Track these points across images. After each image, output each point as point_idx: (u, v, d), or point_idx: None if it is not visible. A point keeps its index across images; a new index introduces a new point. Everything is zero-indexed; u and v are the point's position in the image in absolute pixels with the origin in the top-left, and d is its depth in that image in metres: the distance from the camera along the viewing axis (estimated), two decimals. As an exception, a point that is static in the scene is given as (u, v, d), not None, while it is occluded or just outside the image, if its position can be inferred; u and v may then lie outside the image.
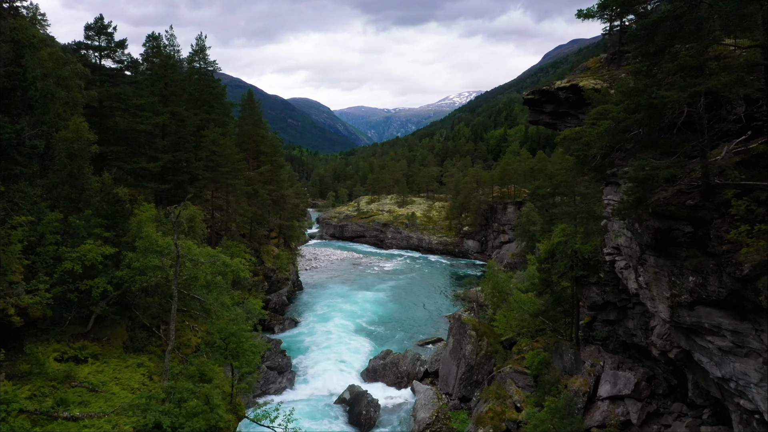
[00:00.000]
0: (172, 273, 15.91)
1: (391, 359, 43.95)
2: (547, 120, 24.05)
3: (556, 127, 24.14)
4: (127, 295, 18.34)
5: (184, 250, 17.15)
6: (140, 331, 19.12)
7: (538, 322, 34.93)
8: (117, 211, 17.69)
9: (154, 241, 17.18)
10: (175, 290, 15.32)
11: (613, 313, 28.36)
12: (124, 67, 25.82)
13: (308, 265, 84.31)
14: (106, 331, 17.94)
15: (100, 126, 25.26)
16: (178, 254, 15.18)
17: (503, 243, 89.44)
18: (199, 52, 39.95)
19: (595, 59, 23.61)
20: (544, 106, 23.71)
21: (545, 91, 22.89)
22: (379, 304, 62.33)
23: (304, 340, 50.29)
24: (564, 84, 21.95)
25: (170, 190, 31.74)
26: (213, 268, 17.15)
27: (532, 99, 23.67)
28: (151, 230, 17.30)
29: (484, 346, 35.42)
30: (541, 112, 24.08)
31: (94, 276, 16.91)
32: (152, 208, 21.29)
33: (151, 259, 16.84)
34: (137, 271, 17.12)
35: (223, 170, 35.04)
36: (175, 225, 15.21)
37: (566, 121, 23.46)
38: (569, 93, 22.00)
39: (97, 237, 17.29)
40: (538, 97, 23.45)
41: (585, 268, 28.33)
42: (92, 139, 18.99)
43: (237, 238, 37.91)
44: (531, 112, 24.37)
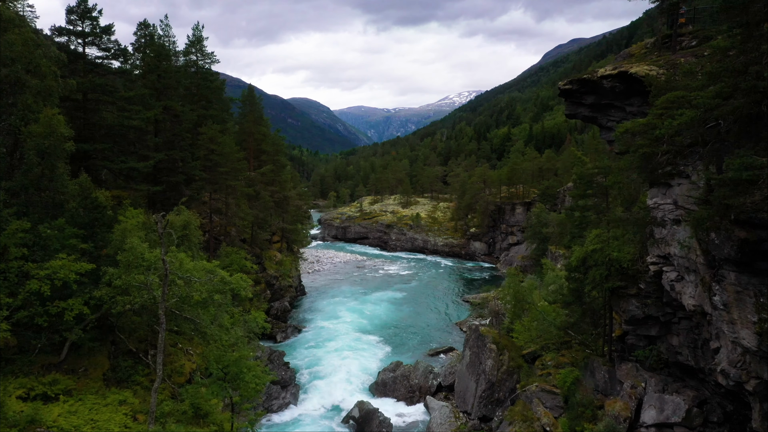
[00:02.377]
0: (160, 293, 13.20)
1: (401, 372, 41.16)
2: (586, 113, 21.31)
3: (596, 121, 21.39)
4: (109, 316, 15.59)
5: (175, 265, 14.43)
6: (124, 359, 16.37)
7: (562, 333, 32.20)
8: (96, 219, 14.98)
9: (140, 255, 14.46)
10: (162, 316, 12.60)
11: (654, 328, 25.59)
12: (111, 55, 23.16)
13: (311, 268, 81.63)
14: (82, 360, 15.19)
15: (84, 121, 22.58)
16: (166, 272, 12.48)
17: (511, 245, 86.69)
18: (196, 44, 37.10)
19: (640, 45, 20.92)
20: (583, 98, 20.98)
21: (586, 80, 20.16)
22: (386, 309, 59.62)
23: (308, 349, 47.52)
24: (609, 72, 19.22)
25: (164, 192, 29.03)
26: (209, 286, 14.44)
27: (569, 90, 20.93)
28: (137, 241, 14.58)
29: (506, 360, 32.66)
30: (579, 104, 21.34)
31: (68, 296, 14.16)
32: (140, 214, 18.60)
33: (135, 276, 14.10)
34: (119, 290, 14.39)
35: (222, 170, 32.30)
36: (162, 237, 12.50)
37: (609, 114, 20.72)
38: (615, 82, 19.27)
39: (71, 250, 14.55)
40: (577, 88, 20.71)
41: (623, 278, 25.59)
42: (67, 134, 16.28)
43: (237, 243, 35.15)
44: (567, 105, 21.63)
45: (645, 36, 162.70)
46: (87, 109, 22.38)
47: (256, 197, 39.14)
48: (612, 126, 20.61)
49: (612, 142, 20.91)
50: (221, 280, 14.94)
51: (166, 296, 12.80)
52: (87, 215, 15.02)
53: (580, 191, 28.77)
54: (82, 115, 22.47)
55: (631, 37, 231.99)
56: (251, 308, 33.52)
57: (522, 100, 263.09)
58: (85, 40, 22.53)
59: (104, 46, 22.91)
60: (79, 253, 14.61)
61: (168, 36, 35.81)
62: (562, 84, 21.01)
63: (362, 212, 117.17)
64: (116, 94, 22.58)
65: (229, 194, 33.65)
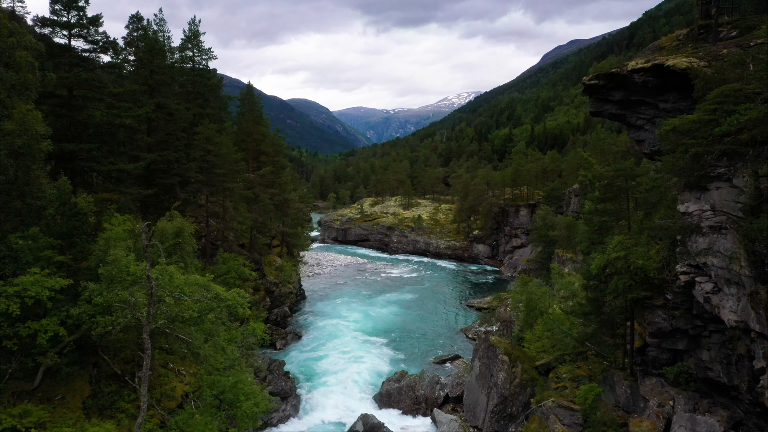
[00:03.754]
0: (146, 313, 11.51)
1: (406, 382, 39.41)
2: (613, 111, 19.65)
3: (624, 119, 19.73)
4: (90, 336, 13.86)
5: (164, 280, 12.73)
6: (108, 383, 14.64)
7: (577, 344, 30.54)
8: (75, 227, 13.27)
9: (124, 268, 12.77)
10: (147, 341, 10.90)
11: (682, 342, 23.92)
12: (99, 48, 21.47)
13: (311, 271, 79.93)
14: (59, 386, 13.46)
15: (69, 119, 20.89)
16: (151, 291, 10.79)
17: (516, 248, 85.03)
18: (192, 39, 35.35)
19: (670, 36, 19.29)
20: (610, 94, 19.32)
21: (614, 74, 18.50)
22: (388, 314, 57.97)
23: (309, 356, 45.79)
24: (641, 65, 17.56)
25: (158, 196, 27.34)
26: (202, 304, 12.74)
27: (595, 85, 19.27)
28: (121, 252, 12.89)
29: (518, 373, 30.94)
30: (606, 101, 19.67)
31: (41, 315, 12.45)
32: (128, 220, 16.91)
33: (118, 293, 12.40)
34: (100, 308, 12.69)
35: (219, 172, 30.57)
36: (147, 250, 10.81)
37: (639, 111, 19.06)
38: (648, 76, 17.61)
39: (46, 262, 12.85)
40: (604, 83, 19.05)
41: (648, 288, 23.92)
42: (44, 132, 14.59)
43: (235, 249, 33.39)
44: (592, 102, 19.96)
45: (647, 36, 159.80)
46: (73, 106, 20.66)
47: (255, 200, 37.38)
48: (642, 124, 18.98)
49: (641, 142, 19.29)
50: (216, 297, 13.25)
51: (152, 317, 11.10)
52: (65, 223, 13.33)
53: (599, 194, 27.19)
54: (68, 112, 20.77)
55: (632, 37, 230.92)
56: (250, 318, 31.82)
57: (522, 101, 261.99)
58: (71, 31, 20.83)
59: (91, 38, 21.18)
60: (56, 267, 12.91)
61: (163, 31, 34.13)
62: (587, 79, 19.36)
63: (363, 214, 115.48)
64: (104, 90, 20.90)
65: (226, 197, 31.90)
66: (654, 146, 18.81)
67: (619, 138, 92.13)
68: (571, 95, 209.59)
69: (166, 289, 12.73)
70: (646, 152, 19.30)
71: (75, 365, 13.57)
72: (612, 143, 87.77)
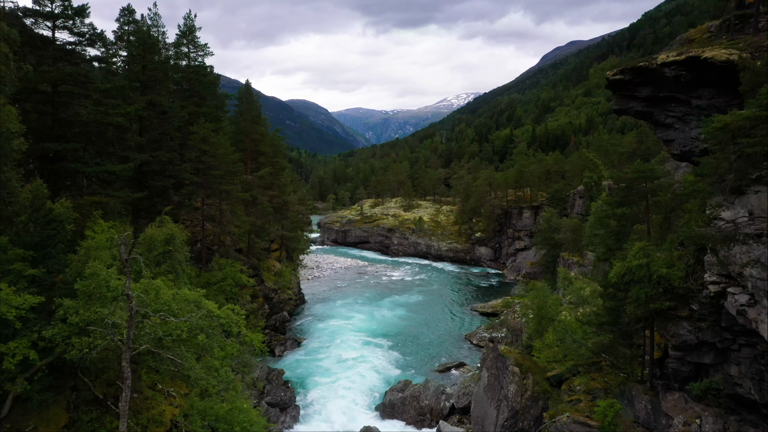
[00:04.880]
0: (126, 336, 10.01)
1: (410, 392, 37.91)
2: (639, 108, 18.21)
3: (652, 117, 18.28)
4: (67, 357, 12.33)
5: (149, 296, 11.24)
6: (88, 409, 13.11)
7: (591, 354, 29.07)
8: (50, 236, 11.78)
9: (104, 282, 11.29)
10: (127, 369, 9.40)
11: (708, 356, 22.43)
12: (86, 41, 19.96)
13: (310, 274, 78.51)
14: (30, 416, 11.94)
15: (53, 117, 19.40)
16: (131, 312, 9.31)
17: (519, 250, 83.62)
18: (188, 34, 33.83)
19: (700, 28, 17.89)
20: (637, 90, 17.87)
21: (642, 68, 17.05)
22: (390, 319, 56.59)
23: (309, 364, 44.27)
24: (674, 58, 16.12)
25: (150, 198, 25.82)
26: (192, 323, 11.24)
27: (619, 81, 17.83)
28: (100, 265, 11.39)
29: (530, 385, 29.45)
30: (631, 97, 18.23)
31: (9, 337, 10.95)
32: (112, 228, 15.41)
33: (97, 311, 10.91)
34: (76, 328, 11.19)
35: (216, 173, 29.06)
36: (126, 265, 9.32)
37: (668, 108, 17.62)
38: (681, 69, 16.17)
39: (16, 277, 11.34)
40: (629, 78, 17.60)
41: (672, 297, 22.44)
42: (16, 130, 13.07)
43: (232, 254, 31.86)
44: (617, 99, 18.52)
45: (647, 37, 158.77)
46: (57, 103, 19.18)
47: (254, 203, 35.84)
48: (671, 123, 17.56)
49: (670, 142, 17.87)
50: (207, 314, 11.76)
51: (132, 341, 9.62)
52: (38, 232, 11.85)
53: (618, 198, 25.69)
54: (52, 110, 19.29)
55: (633, 38, 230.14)
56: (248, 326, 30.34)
57: (522, 101, 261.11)
58: (55, 23, 19.33)
59: (77, 30, 19.67)
60: (27, 281, 11.41)
61: (157, 26, 32.61)
62: (610, 74, 17.93)
63: (363, 215, 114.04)
64: (91, 85, 19.42)
65: (223, 200, 30.38)
66: (685, 146, 17.40)
67: (624, 139, 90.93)
68: (571, 96, 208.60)
69: (151, 307, 11.25)
70: (675, 153, 17.87)
71: (49, 391, 12.06)
72: (617, 144, 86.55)
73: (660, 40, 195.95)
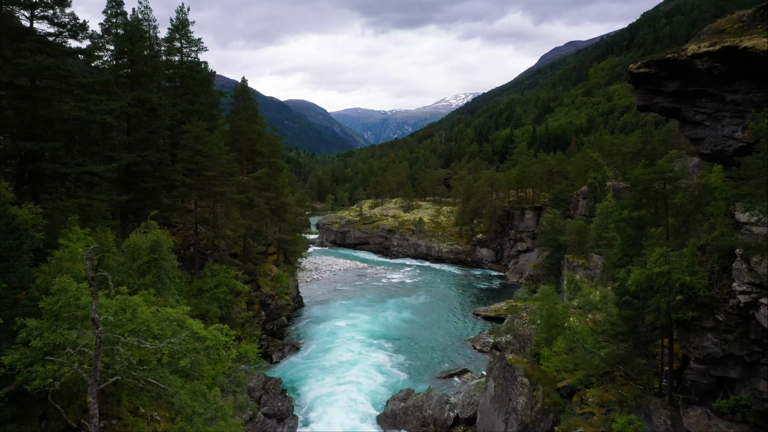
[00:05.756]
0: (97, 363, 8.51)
1: (413, 401, 36.45)
2: (665, 104, 16.80)
3: (679, 113, 16.87)
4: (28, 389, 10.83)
5: (125, 315, 9.77)
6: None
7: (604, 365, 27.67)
8: (12, 247, 10.31)
9: (73, 299, 9.82)
10: (93, 405, 7.91)
11: (735, 370, 21.00)
12: (67, 32, 18.45)
13: (309, 276, 77.06)
14: (-10, 452, 10.45)
15: (32, 114, 17.90)
16: (99, 339, 7.84)
17: (521, 252, 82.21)
18: (180, 29, 32.29)
19: (730, 18, 16.48)
20: (663, 84, 16.46)
21: (669, 61, 15.64)
22: (390, 323, 55.19)
23: (307, 371, 42.79)
24: (706, 48, 14.72)
25: (140, 201, 24.36)
26: (173, 346, 9.77)
27: (644, 74, 16.41)
28: (68, 280, 9.91)
29: (540, 397, 28.00)
30: (657, 92, 16.82)
31: (-38, 364, 9.46)
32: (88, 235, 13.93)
33: (64, 333, 9.44)
34: (40, 353, 9.71)
35: (209, 174, 27.57)
36: (92, 283, 7.85)
37: (698, 104, 16.21)
38: (715, 61, 14.77)
39: (-28, 293, 9.86)
40: (656, 71, 16.18)
41: (696, 307, 21.04)
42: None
43: (227, 259, 30.34)
44: (640, 94, 17.12)
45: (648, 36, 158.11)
46: (35, 98, 17.69)
47: (250, 205, 34.33)
48: (701, 120, 16.17)
49: (699, 141, 16.49)
50: (191, 334, 10.30)
51: (99, 372, 8.14)
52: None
53: (634, 200, 24.25)
54: (30, 106, 17.81)
55: (633, 38, 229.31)
56: (243, 335, 28.80)
57: (522, 101, 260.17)
58: (34, 12, 17.84)
59: (58, 20, 18.18)
60: (-16, 299, 9.95)
61: (148, 20, 31.10)
62: (634, 67, 16.53)
63: (362, 216, 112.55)
64: (72, 80, 17.92)
65: (217, 202, 28.89)
66: (716, 145, 16.02)
67: (629, 139, 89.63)
68: (571, 96, 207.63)
69: (127, 328, 9.80)
70: (704, 152, 16.49)
71: (13, 422, 10.57)
72: (621, 144, 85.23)
73: (660, 40, 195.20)
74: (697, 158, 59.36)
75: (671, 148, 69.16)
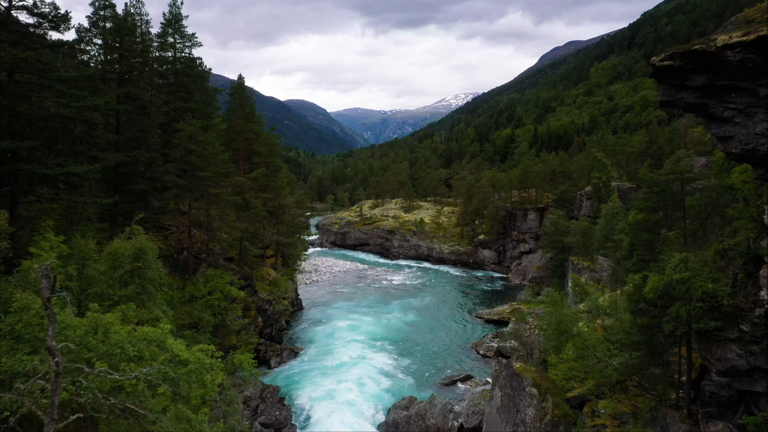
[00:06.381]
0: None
1: (416, 410, 35.23)
2: (690, 100, 15.53)
3: (706, 109, 15.61)
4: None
5: (97, 337, 8.51)
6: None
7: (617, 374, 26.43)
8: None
9: (36, 318, 8.57)
10: (49, 449, 6.69)
11: (761, 383, 19.71)
12: (48, 23, 17.18)
13: (308, 278, 75.85)
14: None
15: (9, 110, 16.66)
16: (57, 371, 6.59)
17: (523, 253, 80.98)
18: (173, 23, 30.98)
19: (759, 7, 15.20)
20: (689, 78, 15.20)
21: (698, 52, 14.38)
22: (391, 327, 54.02)
23: (307, 377, 41.61)
24: (739, 39, 13.48)
25: (131, 203, 23.10)
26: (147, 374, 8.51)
27: (669, 67, 15.14)
28: (32, 297, 8.67)
29: (549, 408, 26.74)
30: (682, 87, 15.55)
31: None
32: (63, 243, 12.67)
33: (22, 358, 8.20)
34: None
35: (203, 175, 26.33)
36: (48, 306, 6.60)
37: (727, 99, 14.95)
38: (748, 52, 13.53)
39: None
40: (681, 64, 14.92)
41: (718, 316, 19.78)
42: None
43: (222, 263, 29.08)
44: (664, 89, 15.85)
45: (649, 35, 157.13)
46: (13, 94, 16.45)
47: (246, 207, 33.04)
48: (730, 116, 14.93)
49: (727, 139, 15.24)
50: (171, 358, 9.03)
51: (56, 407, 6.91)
52: (-45, 253, 9.13)
53: (651, 203, 22.98)
54: (8, 101, 16.54)
55: (634, 37, 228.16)
56: (238, 344, 27.51)
57: (522, 101, 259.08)
58: (11, 1, 16.60)
59: (38, 10, 16.94)
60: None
61: (140, 14, 29.83)
62: (657, 60, 15.29)
63: (362, 217, 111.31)
64: (53, 74, 16.65)
65: (211, 204, 27.63)
66: (747, 144, 14.77)
67: (633, 138, 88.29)
68: (572, 95, 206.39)
69: (98, 351, 8.56)
70: (733, 151, 15.23)
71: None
72: (626, 144, 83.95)
73: (662, 39, 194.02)
74: (704, 158, 58.09)
75: (677, 147, 67.91)
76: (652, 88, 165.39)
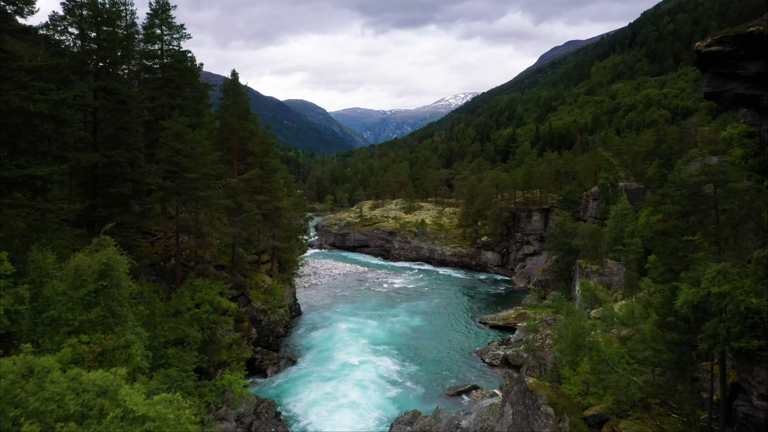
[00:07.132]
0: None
1: (420, 425, 33.19)
2: (741, 91, 13.52)
3: (758, 102, 13.59)
4: None
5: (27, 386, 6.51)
6: None
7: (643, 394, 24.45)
8: None
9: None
10: None
11: (808, 409, 17.65)
12: (11, 6, 15.17)
13: (307, 282, 73.84)
14: None
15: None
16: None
17: (528, 255, 78.93)
18: (160, 13, 28.85)
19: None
20: (740, 66, 13.19)
21: (753, 35, 12.38)
22: (393, 333, 52.04)
23: (305, 387, 39.62)
24: (807, 17, 11.45)
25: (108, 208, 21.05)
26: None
27: (717, 53, 13.14)
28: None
29: (566, 429, 24.71)
30: (731, 76, 13.54)
31: None
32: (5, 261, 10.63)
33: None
34: None
35: (191, 177, 24.30)
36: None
37: (786, 90, 12.90)
38: (818, 34, 11.47)
39: None
40: (731, 50, 12.91)
41: (762, 335, 17.78)
42: None
43: (212, 271, 26.99)
44: (710, 78, 13.85)
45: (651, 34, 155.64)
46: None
47: (239, 210, 30.97)
48: (788, 110, 12.97)
49: (783, 136, 13.27)
50: (123, 416, 7.00)
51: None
52: None
53: (681, 207, 20.84)
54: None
55: (635, 36, 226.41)
56: (229, 359, 25.42)
57: (523, 101, 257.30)
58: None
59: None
60: None
61: (126, 4, 27.79)
62: (703, 45, 13.29)
63: (362, 218, 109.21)
64: (13, 63, 14.64)
65: (200, 207, 25.60)
66: (809, 141, 12.79)
67: (641, 137, 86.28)
68: (573, 94, 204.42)
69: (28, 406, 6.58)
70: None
71: None
72: (632, 143, 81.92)
73: (664, 38, 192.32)
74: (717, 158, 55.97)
75: (687, 147, 65.93)
76: (654, 87, 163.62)
